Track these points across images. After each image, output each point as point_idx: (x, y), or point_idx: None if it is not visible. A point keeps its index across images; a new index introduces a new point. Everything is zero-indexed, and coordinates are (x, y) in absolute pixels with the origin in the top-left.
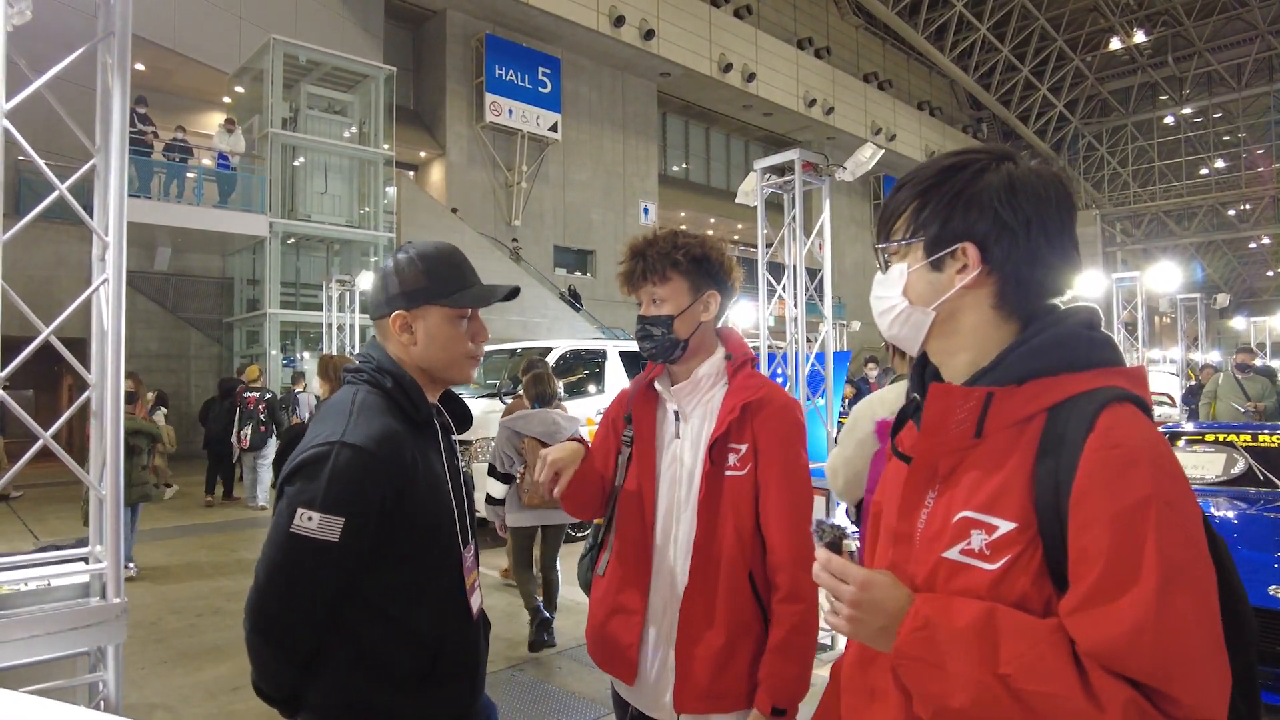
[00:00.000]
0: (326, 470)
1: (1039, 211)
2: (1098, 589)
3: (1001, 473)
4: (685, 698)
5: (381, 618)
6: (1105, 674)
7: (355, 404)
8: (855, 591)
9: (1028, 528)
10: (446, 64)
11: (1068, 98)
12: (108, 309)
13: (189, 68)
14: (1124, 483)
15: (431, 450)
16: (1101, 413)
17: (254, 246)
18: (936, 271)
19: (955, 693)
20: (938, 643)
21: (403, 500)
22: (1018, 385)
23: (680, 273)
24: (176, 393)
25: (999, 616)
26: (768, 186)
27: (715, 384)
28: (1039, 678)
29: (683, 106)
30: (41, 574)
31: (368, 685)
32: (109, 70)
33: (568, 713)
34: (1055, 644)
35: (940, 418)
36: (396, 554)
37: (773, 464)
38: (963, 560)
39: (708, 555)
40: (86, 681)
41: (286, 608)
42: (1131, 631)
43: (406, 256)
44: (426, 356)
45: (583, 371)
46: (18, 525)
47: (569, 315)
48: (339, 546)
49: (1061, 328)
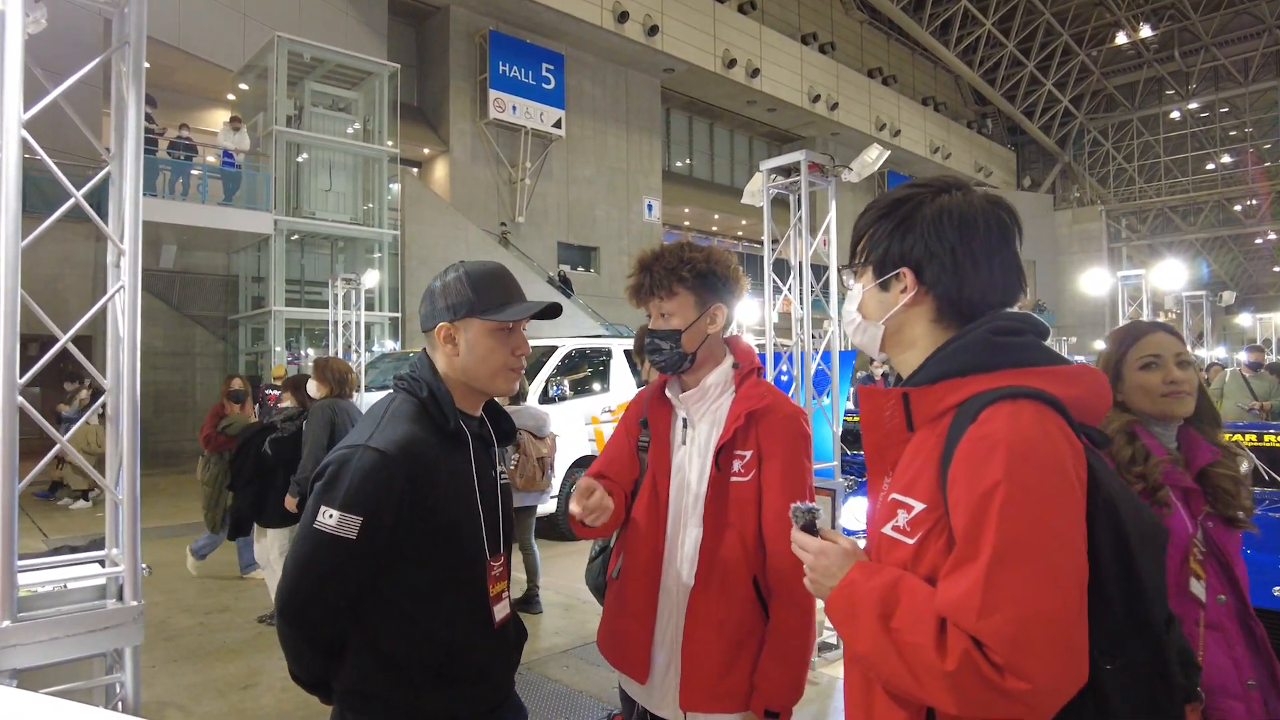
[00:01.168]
0: (349, 472)
1: (964, 238)
2: (955, 558)
3: (919, 460)
4: (691, 697)
5: (396, 614)
6: (955, 630)
7: (389, 411)
8: (812, 558)
9: (936, 507)
10: (450, 60)
11: (1073, 93)
12: (123, 315)
13: (193, 65)
14: (981, 470)
15: (460, 459)
16: (985, 408)
17: (259, 244)
18: (884, 291)
19: (860, 640)
20: (854, 598)
21: (421, 504)
22: (931, 385)
23: (686, 288)
24: (182, 389)
25: (904, 582)
26: (773, 187)
27: (723, 392)
28: (913, 631)
29: (686, 102)
30: (59, 576)
31: (381, 678)
32: (124, 79)
33: (575, 710)
34: (930, 606)
35: (873, 415)
36: (414, 555)
37: (775, 471)
38: (893, 535)
39: (713, 559)
40: (104, 683)
41: (309, 597)
42: (966, 592)
43: (455, 274)
44: (468, 367)
45: (588, 370)
46: (25, 523)
47: (573, 313)
48: (357, 543)
49: (970, 336)
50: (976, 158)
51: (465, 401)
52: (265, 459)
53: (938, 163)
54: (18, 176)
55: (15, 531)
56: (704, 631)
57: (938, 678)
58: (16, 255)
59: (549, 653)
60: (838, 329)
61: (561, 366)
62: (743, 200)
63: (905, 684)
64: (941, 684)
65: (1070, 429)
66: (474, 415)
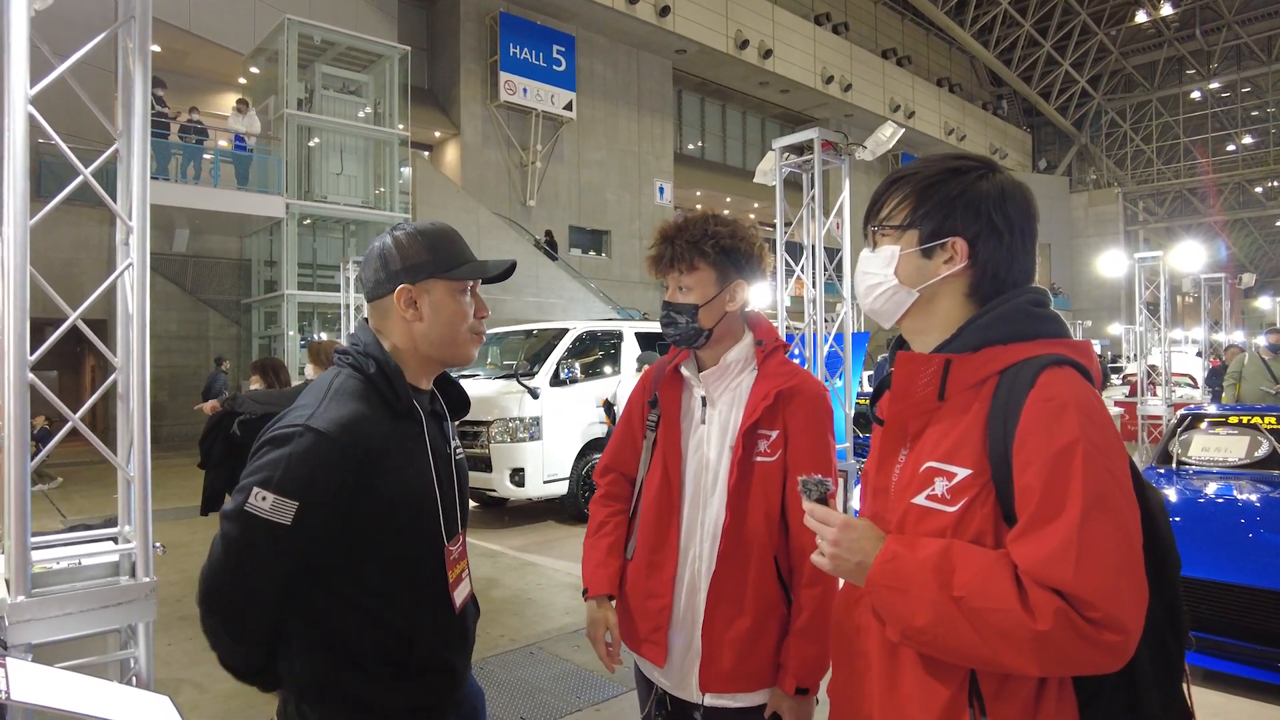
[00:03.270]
0: (286, 452)
1: (1024, 220)
2: (1034, 517)
3: (960, 428)
4: (711, 678)
5: (352, 606)
6: (1039, 589)
7: (332, 387)
8: (836, 532)
9: (981, 474)
10: (461, 43)
11: (1091, 73)
12: (132, 293)
13: (205, 49)
14: (1056, 428)
15: (412, 439)
16: (1042, 373)
17: (271, 228)
18: (926, 259)
19: (918, 614)
20: (903, 572)
21: (369, 490)
22: (973, 352)
23: (708, 263)
24: (195, 373)
25: (955, 549)
26: (786, 166)
27: (744, 369)
28: (986, 596)
29: (698, 84)
30: (72, 553)
31: (338, 670)
32: (130, 55)
33: (585, 690)
34: (1000, 569)
35: (907, 382)
36: (365, 544)
37: (803, 452)
38: (928, 505)
39: (738, 540)
40: (118, 658)
41: (236, 585)
42: (1058, 549)
43: (405, 233)
44: (430, 333)
45: (599, 353)
46: (45, 505)
47: (585, 296)
48: (291, 530)
49: (1011, 304)
50: (991, 139)
51: (419, 374)
52: (234, 439)
53: (952, 144)
54: (24, 154)
55: (29, 508)
56: (727, 613)
57: (1025, 639)
58: (25, 234)
59: (560, 633)
60: (850, 311)
61: (572, 349)
62: (755, 180)
63: (975, 651)
64: (1030, 645)
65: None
66: (425, 389)
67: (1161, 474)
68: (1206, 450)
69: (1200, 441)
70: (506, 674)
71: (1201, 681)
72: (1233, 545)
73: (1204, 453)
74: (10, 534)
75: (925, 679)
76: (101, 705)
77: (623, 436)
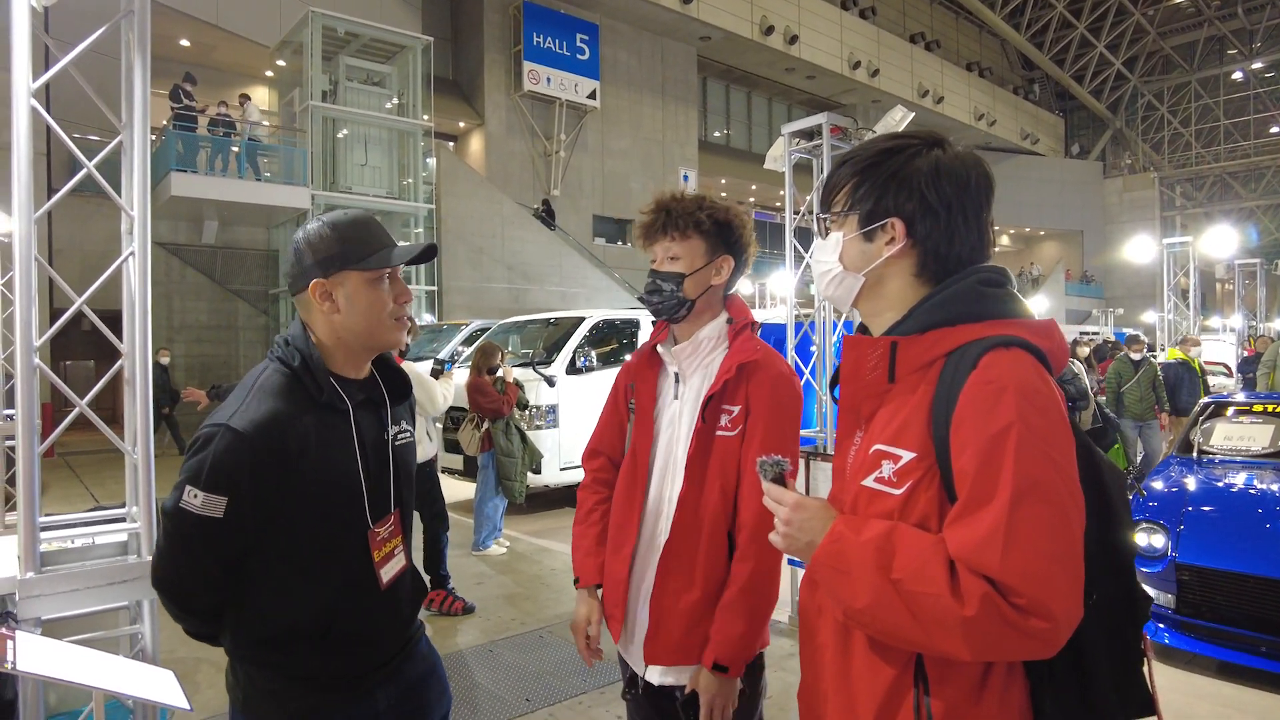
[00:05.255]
0: (209, 452)
1: (959, 195)
2: (967, 502)
3: (906, 410)
4: (656, 649)
5: (273, 581)
6: (969, 574)
7: (256, 384)
8: (788, 512)
9: (925, 456)
10: (484, 33)
11: (1126, 55)
12: (135, 281)
13: (232, 43)
14: (992, 412)
15: (335, 430)
16: (985, 355)
17: (297, 219)
18: (868, 242)
19: (859, 595)
20: (845, 554)
21: (284, 481)
22: (920, 334)
23: (701, 233)
24: (225, 363)
25: (897, 532)
26: (796, 151)
27: (715, 347)
28: (920, 580)
29: (723, 71)
30: (89, 533)
31: (264, 639)
32: (131, 47)
33: (594, 674)
34: (936, 553)
35: (855, 366)
36: (283, 527)
37: (758, 427)
38: (876, 487)
39: (693, 512)
40: (127, 633)
41: (179, 573)
42: (987, 535)
43: (316, 226)
44: (350, 324)
45: (616, 341)
46: (78, 487)
47: (608, 285)
48: (224, 522)
49: (960, 285)
50: (1022, 124)
51: (349, 364)
52: None
53: (982, 130)
54: (28, 147)
55: (37, 490)
56: (675, 584)
57: (954, 625)
58: (30, 225)
59: (570, 617)
60: None
61: (589, 338)
62: (765, 165)
63: (910, 634)
64: (958, 630)
65: (1050, 377)
66: (358, 377)
67: (1181, 463)
68: (1229, 439)
69: (1223, 430)
70: (516, 656)
71: (1216, 673)
72: (1249, 535)
73: (1226, 441)
74: (20, 514)
75: (873, 659)
76: (105, 677)
77: (608, 419)
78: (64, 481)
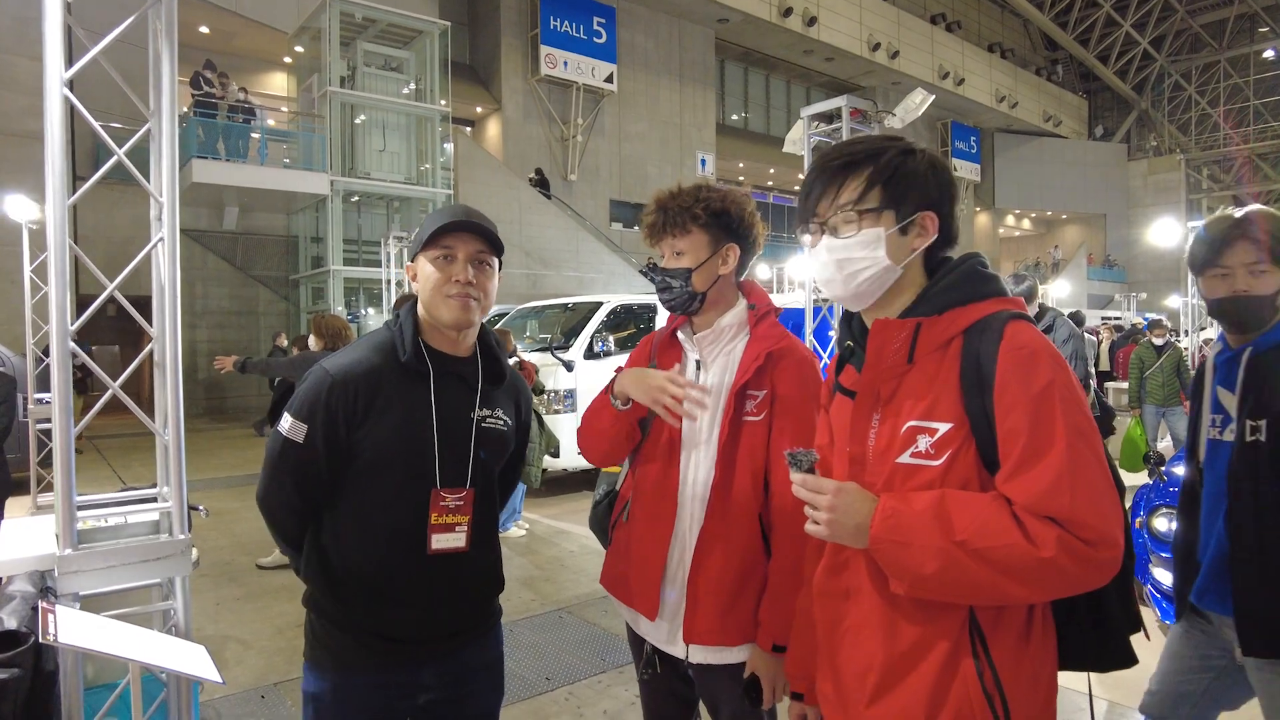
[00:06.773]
0: (305, 385)
1: (951, 190)
2: (1025, 455)
3: (934, 386)
4: (696, 630)
5: (335, 523)
6: (1037, 520)
7: (365, 338)
8: (831, 498)
9: (961, 426)
10: (501, 17)
11: (1154, 34)
12: (165, 265)
13: (251, 30)
14: (1032, 373)
15: (414, 391)
16: (1006, 326)
17: (316, 205)
18: (904, 236)
19: (926, 562)
20: (903, 526)
21: (354, 430)
22: (939, 315)
23: (700, 226)
24: (247, 348)
25: (948, 497)
26: (815, 134)
27: (738, 334)
28: (988, 535)
29: (741, 53)
30: (122, 512)
31: (327, 586)
32: (159, 36)
33: (610, 652)
34: (996, 508)
35: (880, 349)
36: (349, 468)
37: (788, 413)
38: (914, 462)
39: (725, 498)
40: (160, 609)
41: (267, 489)
42: (1055, 481)
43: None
44: (423, 297)
45: (633, 326)
46: (105, 470)
47: (625, 270)
48: (304, 447)
49: (964, 268)
50: (1045, 106)
51: (440, 338)
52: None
53: (1004, 112)
54: (63, 135)
55: (73, 470)
56: (712, 567)
57: (1031, 568)
58: (64, 212)
59: (589, 598)
60: None
61: (606, 323)
62: (784, 149)
63: (984, 588)
64: (1036, 573)
65: None
66: (454, 353)
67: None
68: None
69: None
70: (535, 636)
71: None
72: None
73: None
74: (58, 492)
75: (925, 630)
76: (141, 650)
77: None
78: (90, 465)
